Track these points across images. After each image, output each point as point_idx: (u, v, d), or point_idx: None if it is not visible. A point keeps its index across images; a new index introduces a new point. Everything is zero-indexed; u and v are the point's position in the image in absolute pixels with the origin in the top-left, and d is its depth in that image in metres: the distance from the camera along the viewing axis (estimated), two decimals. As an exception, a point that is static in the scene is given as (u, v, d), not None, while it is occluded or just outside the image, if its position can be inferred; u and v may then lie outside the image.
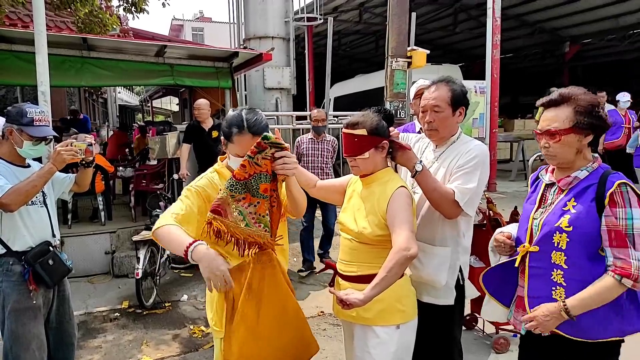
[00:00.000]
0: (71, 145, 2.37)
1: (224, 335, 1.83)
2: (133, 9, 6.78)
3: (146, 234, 4.40)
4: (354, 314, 1.89)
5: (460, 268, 2.12)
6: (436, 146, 2.19)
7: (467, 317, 3.61)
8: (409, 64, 5.91)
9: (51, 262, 2.44)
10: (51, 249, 2.48)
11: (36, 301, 2.42)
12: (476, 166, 2.00)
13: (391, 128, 2.00)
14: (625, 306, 1.63)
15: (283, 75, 10.10)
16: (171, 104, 29.85)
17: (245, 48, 9.63)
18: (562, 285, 1.68)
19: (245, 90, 10.29)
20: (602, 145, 7.78)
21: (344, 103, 12.79)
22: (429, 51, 6.04)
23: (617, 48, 15.29)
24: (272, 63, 8.27)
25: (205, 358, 3.44)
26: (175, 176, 5.74)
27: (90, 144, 2.44)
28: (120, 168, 6.93)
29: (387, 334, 1.88)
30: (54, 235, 2.55)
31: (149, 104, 26.26)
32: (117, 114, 22.19)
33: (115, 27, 7.70)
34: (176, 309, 4.36)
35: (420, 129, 2.89)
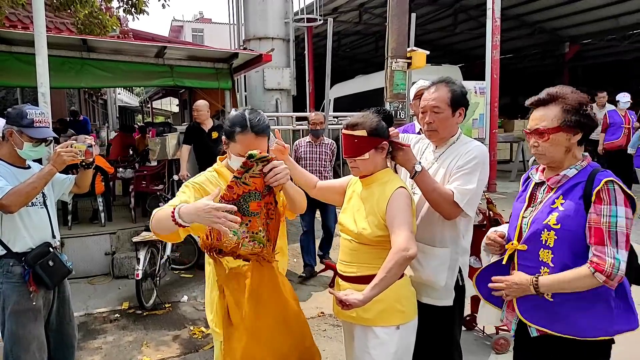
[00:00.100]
0: (71, 147, 2.38)
1: (223, 338, 1.83)
2: (133, 10, 6.78)
3: (146, 235, 4.40)
4: (354, 314, 1.89)
5: (460, 269, 2.13)
6: (436, 147, 2.19)
7: (467, 318, 3.61)
8: (409, 64, 5.90)
9: (51, 263, 2.45)
10: (51, 250, 2.49)
11: (36, 302, 2.42)
12: (475, 167, 2.00)
13: (391, 128, 2.00)
14: (615, 305, 1.64)
15: (283, 76, 10.11)
16: (171, 105, 29.85)
17: (245, 49, 9.63)
18: None
19: (245, 91, 10.29)
20: (602, 145, 7.79)
21: (344, 104, 12.80)
22: (428, 52, 6.03)
23: (617, 48, 15.30)
24: (272, 64, 8.26)
25: (205, 359, 3.44)
26: (175, 177, 5.74)
27: (90, 146, 2.45)
28: (120, 169, 6.93)
29: (387, 334, 1.88)
30: (54, 237, 2.56)
31: (149, 105, 26.30)
32: (117, 115, 22.19)
33: (115, 28, 7.71)
34: (176, 310, 4.36)
35: (420, 129, 2.89)
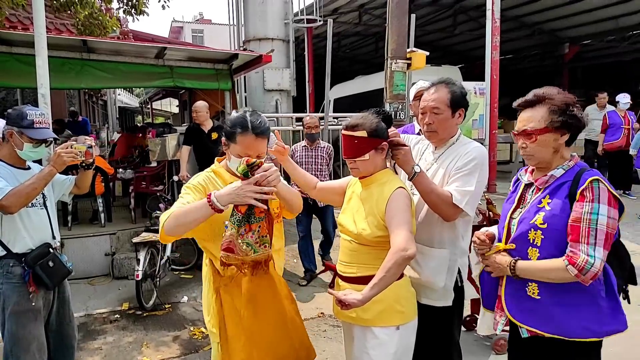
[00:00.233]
0: (71, 148, 2.39)
1: (220, 340, 1.84)
2: (133, 11, 6.79)
3: (146, 236, 4.40)
4: (354, 315, 1.89)
5: (459, 270, 2.13)
6: (435, 148, 2.19)
7: (467, 318, 3.61)
8: (409, 65, 5.91)
9: (51, 263, 2.45)
10: (51, 250, 2.49)
11: (36, 303, 2.42)
12: (474, 168, 2.00)
13: (391, 128, 2.00)
14: (603, 306, 1.64)
15: (283, 77, 10.10)
16: (171, 105, 29.85)
17: (245, 50, 9.64)
18: (535, 280, 1.70)
19: (245, 92, 10.29)
20: (602, 146, 7.80)
21: (343, 104, 12.79)
22: (428, 53, 6.04)
23: (616, 49, 15.29)
24: (271, 65, 8.27)
25: (205, 359, 3.44)
26: (175, 178, 5.74)
27: (90, 146, 2.45)
28: (120, 170, 6.93)
29: (387, 335, 1.88)
30: (54, 237, 2.56)
31: (149, 106, 26.31)
32: (117, 116, 22.17)
33: (115, 29, 7.72)
34: (176, 310, 4.36)
35: (419, 130, 2.89)
